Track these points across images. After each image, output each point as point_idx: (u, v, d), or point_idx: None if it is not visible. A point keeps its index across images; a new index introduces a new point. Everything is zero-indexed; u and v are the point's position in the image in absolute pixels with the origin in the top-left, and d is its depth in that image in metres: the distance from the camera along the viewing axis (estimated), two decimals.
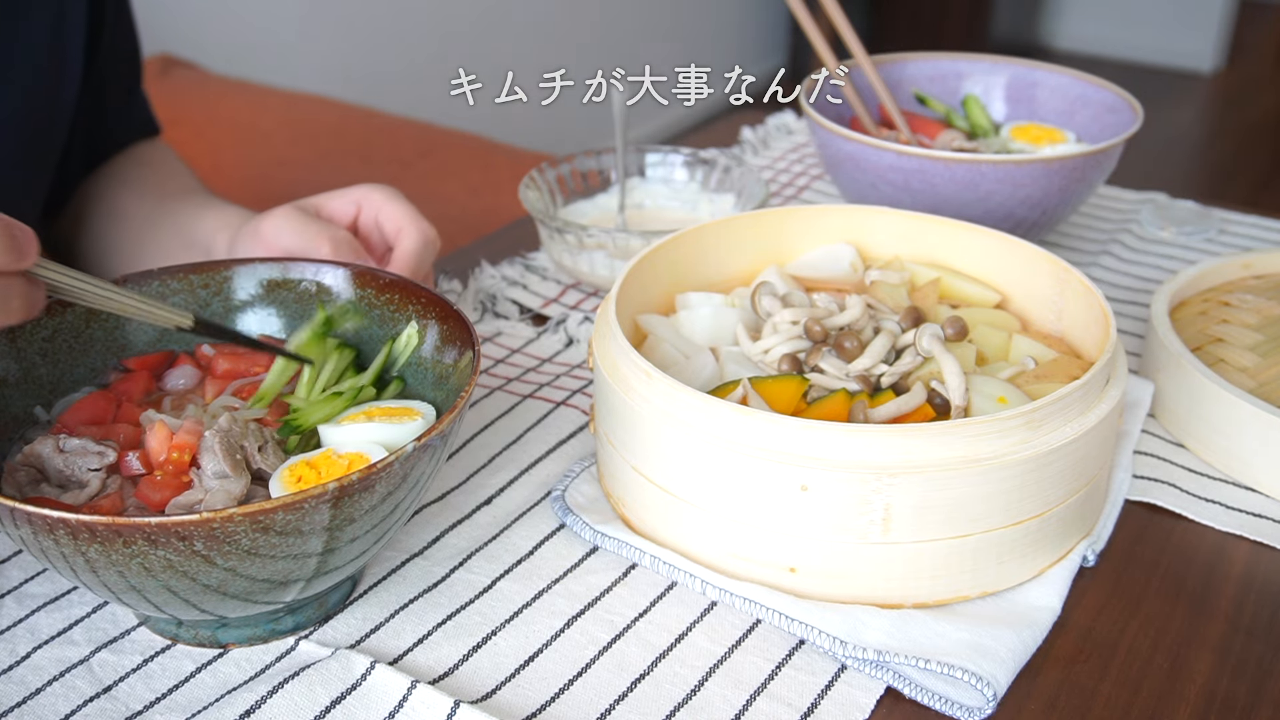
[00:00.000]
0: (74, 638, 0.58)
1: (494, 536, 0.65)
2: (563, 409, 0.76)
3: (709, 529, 0.60)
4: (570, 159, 0.98)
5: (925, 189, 0.88)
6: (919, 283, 0.76)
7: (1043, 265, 0.72)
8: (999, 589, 0.60)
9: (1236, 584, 0.63)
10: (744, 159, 1.14)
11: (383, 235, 0.78)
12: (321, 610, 0.59)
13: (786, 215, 0.79)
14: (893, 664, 0.55)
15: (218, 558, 0.48)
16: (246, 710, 0.52)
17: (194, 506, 0.55)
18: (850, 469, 0.55)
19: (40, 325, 0.62)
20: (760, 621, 0.59)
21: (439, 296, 0.64)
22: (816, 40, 0.98)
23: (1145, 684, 0.56)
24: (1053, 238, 1.03)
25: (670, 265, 0.74)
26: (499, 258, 0.98)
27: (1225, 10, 4.19)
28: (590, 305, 0.91)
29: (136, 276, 0.65)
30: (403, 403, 0.61)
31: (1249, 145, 3.61)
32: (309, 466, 0.56)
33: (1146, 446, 0.74)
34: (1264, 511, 0.68)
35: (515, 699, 0.55)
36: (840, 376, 0.65)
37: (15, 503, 0.47)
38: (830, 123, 0.92)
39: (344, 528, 0.51)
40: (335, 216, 0.78)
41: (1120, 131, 0.92)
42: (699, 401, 0.57)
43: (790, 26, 3.96)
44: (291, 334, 0.67)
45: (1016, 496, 0.57)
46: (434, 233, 0.78)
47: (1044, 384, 0.65)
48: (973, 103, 1.06)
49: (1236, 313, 0.81)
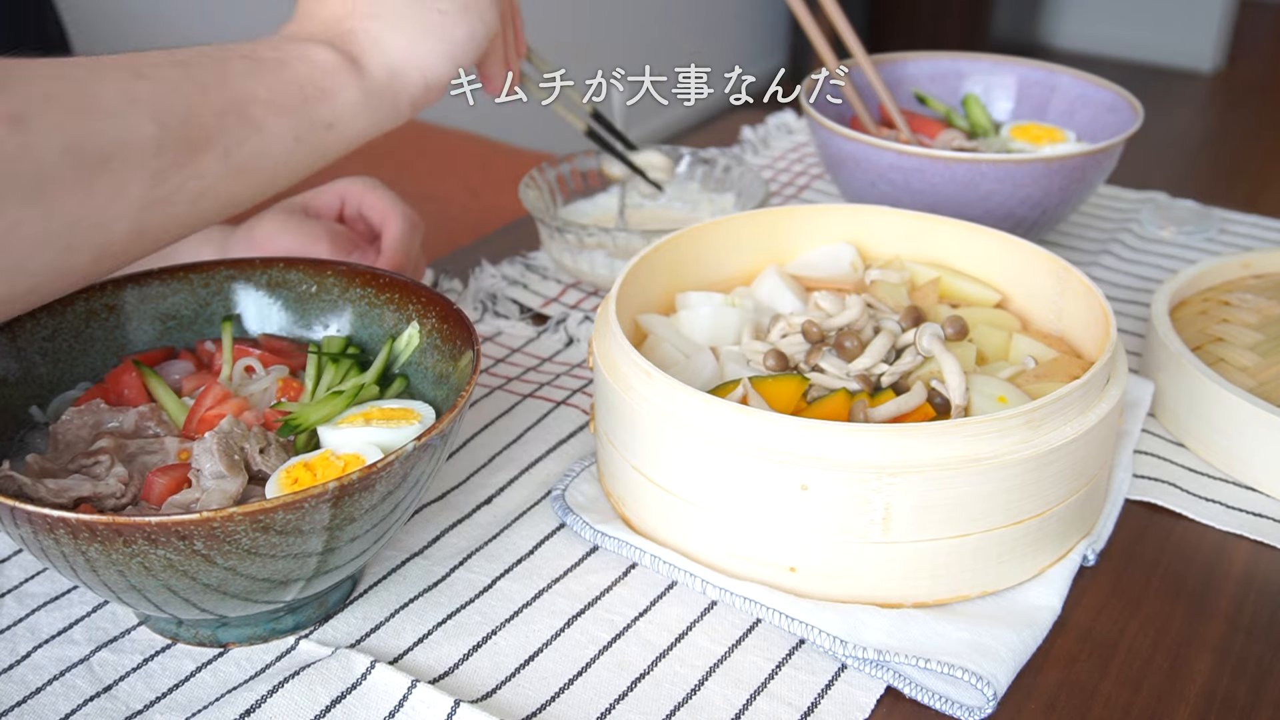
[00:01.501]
0: (74, 637, 0.58)
1: (494, 536, 0.65)
2: (563, 408, 0.76)
3: (709, 528, 0.60)
4: (570, 159, 0.98)
5: (925, 188, 0.88)
6: (919, 282, 0.76)
7: (1043, 265, 0.72)
8: (999, 588, 0.60)
9: (1236, 584, 0.63)
10: (744, 158, 1.14)
11: (368, 224, 0.81)
12: (322, 609, 0.59)
13: (786, 215, 0.79)
14: (893, 663, 0.55)
15: (218, 557, 0.48)
16: (246, 709, 0.52)
17: (190, 506, 0.55)
18: (850, 468, 0.55)
19: (40, 325, 0.62)
20: (760, 621, 0.59)
21: (439, 296, 0.64)
22: (816, 40, 0.98)
23: (1145, 684, 0.56)
24: (1053, 237, 1.03)
25: (670, 265, 0.74)
26: (499, 257, 0.98)
27: (1225, 10, 4.19)
28: (590, 305, 0.91)
29: (136, 276, 0.65)
30: (402, 403, 0.61)
31: (1249, 145, 3.61)
32: (306, 468, 0.56)
33: (1146, 446, 0.74)
34: (1264, 511, 0.68)
35: (515, 698, 0.55)
36: (840, 376, 0.65)
37: (15, 502, 0.47)
38: (830, 122, 0.92)
39: (344, 527, 0.51)
40: (323, 212, 0.80)
41: (1120, 131, 0.92)
42: (699, 401, 0.57)
43: (790, 26, 3.96)
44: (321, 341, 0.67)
45: (1016, 496, 0.57)
46: (417, 216, 0.81)
47: (1044, 383, 0.65)
48: (973, 102, 1.06)
49: (1236, 312, 0.81)
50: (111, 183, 0.46)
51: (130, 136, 0.47)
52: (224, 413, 0.60)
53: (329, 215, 0.82)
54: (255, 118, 0.52)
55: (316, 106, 0.55)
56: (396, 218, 0.80)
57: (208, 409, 0.60)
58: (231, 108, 0.51)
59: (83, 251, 0.47)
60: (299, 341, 0.68)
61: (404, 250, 0.79)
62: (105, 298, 0.64)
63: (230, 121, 0.51)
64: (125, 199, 0.47)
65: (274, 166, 0.54)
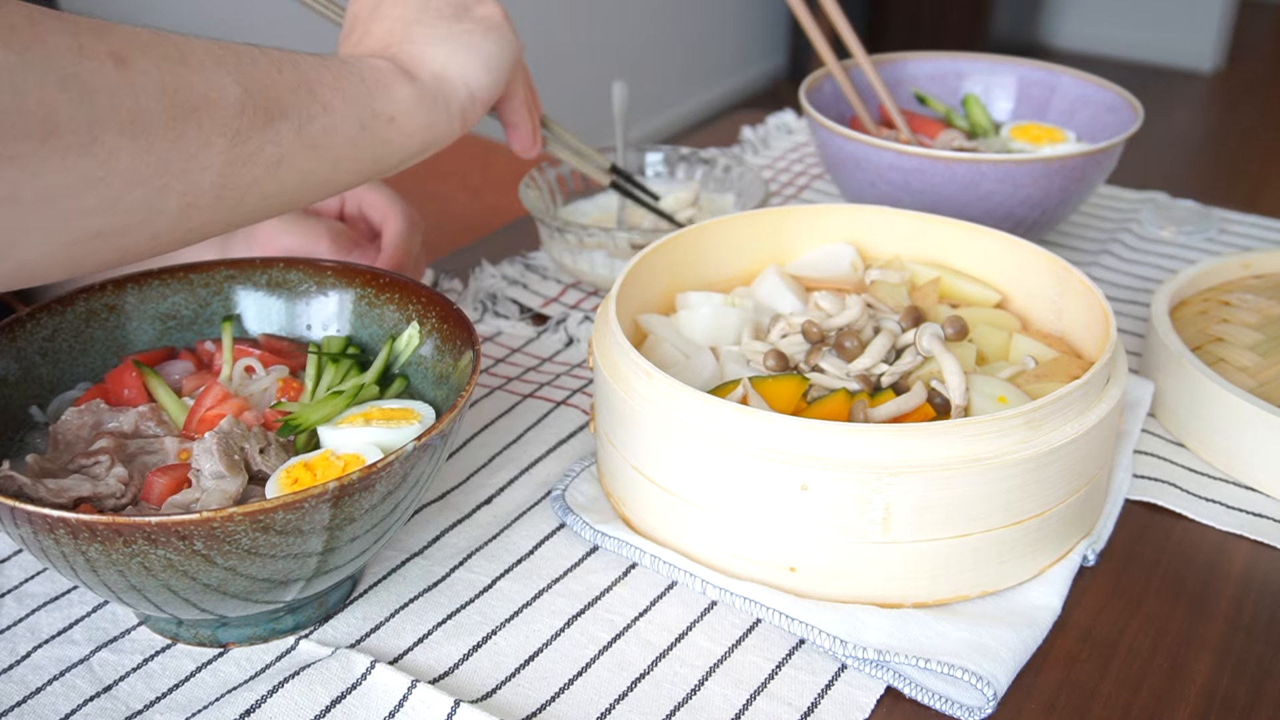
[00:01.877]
0: (74, 637, 0.58)
1: (494, 536, 0.65)
2: (563, 409, 0.76)
3: (709, 529, 0.60)
4: None
5: (925, 188, 0.88)
6: (919, 282, 0.76)
7: (1043, 265, 0.72)
8: (999, 588, 0.60)
9: (1236, 584, 0.63)
10: (744, 158, 1.14)
11: (368, 222, 0.82)
12: (322, 609, 0.59)
13: (786, 215, 0.79)
14: (893, 663, 0.55)
15: (218, 557, 0.48)
16: (247, 709, 0.52)
17: (190, 506, 0.55)
18: (850, 469, 0.55)
19: (40, 325, 0.62)
20: (760, 621, 0.59)
21: (439, 296, 0.64)
22: (816, 40, 0.98)
23: (1145, 684, 0.56)
24: (1053, 237, 1.03)
25: (670, 265, 0.74)
26: (499, 257, 0.98)
27: (1225, 10, 4.19)
28: (590, 305, 0.91)
29: (137, 277, 0.65)
30: (402, 403, 0.61)
31: (1249, 145, 3.61)
32: (306, 468, 0.56)
33: (1146, 446, 0.74)
34: (1264, 511, 0.68)
35: (515, 698, 0.55)
36: (840, 376, 0.65)
37: (15, 502, 0.47)
38: (830, 122, 0.92)
39: (344, 527, 0.51)
40: (323, 210, 0.81)
41: (1120, 131, 0.92)
42: (699, 401, 0.57)
43: (790, 26, 3.96)
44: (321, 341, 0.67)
45: (1016, 496, 0.57)
46: (417, 214, 0.82)
47: (1044, 383, 0.65)
48: (973, 102, 1.06)
49: (1236, 312, 0.81)
50: (199, 132, 0.49)
51: (216, 93, 0.50)
52: (224, 413, 0.60)
53: (329, 213, 0.83)
54: (324, 98, 0.56)
55: (378, 98, 0.59)
56: (397, 216, 0.81)
57: (208, 409, 0.60)
58: (303, 85, 0.55)
59: (173, 194, 0.49)
60: (299, 341, 0.68)
61: (404, 248, 0.79)
62: (105, 298, 0.64)
63: (303, 97, 0.55)
64: (211, 150, 0.50)
65: (342, 148, 0.57)
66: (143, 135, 0.47)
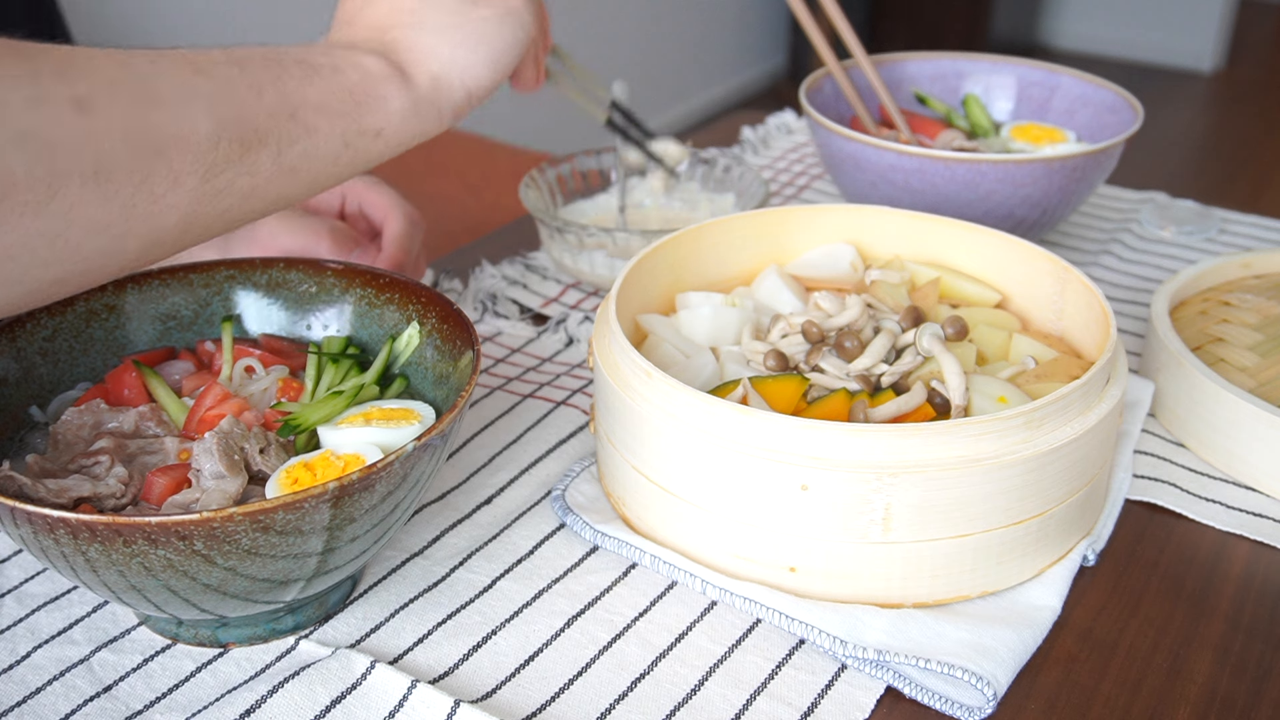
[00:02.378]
0: (74, 637, 0.58)
1: (494, 536, 0.65)
2: (563, 409, 0.76)
3: (709, 529, 0.60)
4: (570, 158, 0.99)
5: (925, 189, 0.88)
6: (919, 282, 0.76)
7: (1043, 265, 0.72)
8: (999, 589, 0.60)
9: (1236, 584, 0.63)
10: (744, 158, 1.14)
11: (369, 221, 0.82)
12: (322, 610, 0.59)
13: (786, 215, 0.79)
14: (893, 664, 0.55)
15: (218, 557, 0.48)
16: (247, 710, 0.52)
17: (190, 506, 0.55)
18: (850, 469, 0.55)
19: (40, 325, 0.62)
20: (760, 621, 0.59)
21: (439, 296, 0.64)
22: (816, 40, 0.98)
23: (1145, 684, 0.56)
24: (1053, 237, 1.03)
25: (670, 265, 0.74)
26: (499, 257, 0.98)
27: (1225, 10, 4.19)
28: (590, 305, 0.91)
29: (136, 277, 0.65)
30: (402, 403, 0.61)
31: (1249, 145, 3.61)
32: (306, 468, 0.56)
33: (1146, 446, 0.74)
34: (1264, 511, 0.68)
35: (515, 698, 0.55)
36: (840, 376, 0.65)
37: (15, 502, 0.47)
38: (830, 122, 0.92)
39: (344, 527, 0.51)
40: (324, 209, 0.81)
41: (1120, 131, 0.92)
42: (699, 401, 0.57)
43: (790, 26, 3.96)
44: (321, 341, 0.67)
45: (1016, 496, 0.57)
46: (418, 214, 0.81)
47: (1044, 384, 0.65)
48: (973, 102, 1.06)
49: (1236, 312, 0.81)
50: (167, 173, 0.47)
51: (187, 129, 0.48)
52: (224, 413, 0.60)
53: (330, 212, 0.83)
54: (307, 121, 0.53)
55: (367, 114, 0.56)
56: (397, 215, 0.81)
57: (208, 409, 0.60)
58: (284, 109, 0.52)
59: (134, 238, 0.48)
60: (299, 341, 0.68)
61: (405, 247, 0.79)
62: (105, 298, 0.64)
63: (283, 122, 0.52)
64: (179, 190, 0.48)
65: (322, 168, 0.55)
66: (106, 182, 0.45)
